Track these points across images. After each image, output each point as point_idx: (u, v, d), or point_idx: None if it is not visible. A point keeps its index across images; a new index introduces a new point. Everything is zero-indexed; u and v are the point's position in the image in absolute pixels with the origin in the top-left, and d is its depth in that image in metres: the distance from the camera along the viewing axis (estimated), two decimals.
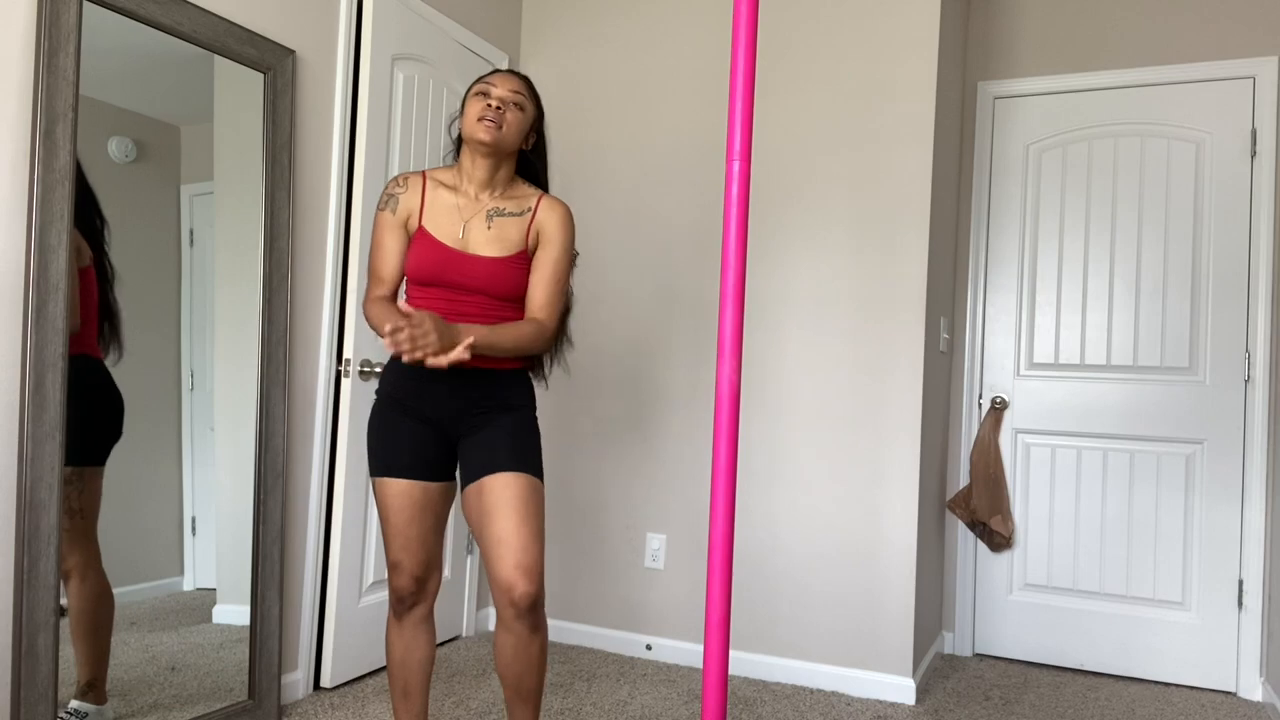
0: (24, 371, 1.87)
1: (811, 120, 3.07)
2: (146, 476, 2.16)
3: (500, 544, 1.80)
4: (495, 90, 1.91)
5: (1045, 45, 3.39)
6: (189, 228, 2.27)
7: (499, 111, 1.88)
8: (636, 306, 3.29)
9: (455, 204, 1.93)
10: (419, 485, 1.90)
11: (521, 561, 1.79)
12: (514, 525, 1.81)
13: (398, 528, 1.90)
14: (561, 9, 3.47)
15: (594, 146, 3.39)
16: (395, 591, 1.93)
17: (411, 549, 1.91)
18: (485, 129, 1.87)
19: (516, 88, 1.94)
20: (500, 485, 1.84)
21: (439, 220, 1.91)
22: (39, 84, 1.89)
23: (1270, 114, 3.09)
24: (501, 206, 1.94)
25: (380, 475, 1.91)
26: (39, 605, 1.89)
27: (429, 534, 1.93)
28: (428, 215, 1.92)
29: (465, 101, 1.95)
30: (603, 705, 2.70)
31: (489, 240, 1.90)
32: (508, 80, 1.94)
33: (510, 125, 1.90)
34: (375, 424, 1.93)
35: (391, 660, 1.97)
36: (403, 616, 1.95)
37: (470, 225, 1.91)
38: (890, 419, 2.92)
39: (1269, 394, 3.07)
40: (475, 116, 1.89)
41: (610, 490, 3.30)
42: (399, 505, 1.90)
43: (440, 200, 1.93)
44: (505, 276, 1.89)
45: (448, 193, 1.94)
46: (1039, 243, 3.38)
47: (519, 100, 1.93)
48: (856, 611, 2.93)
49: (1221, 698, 3.04)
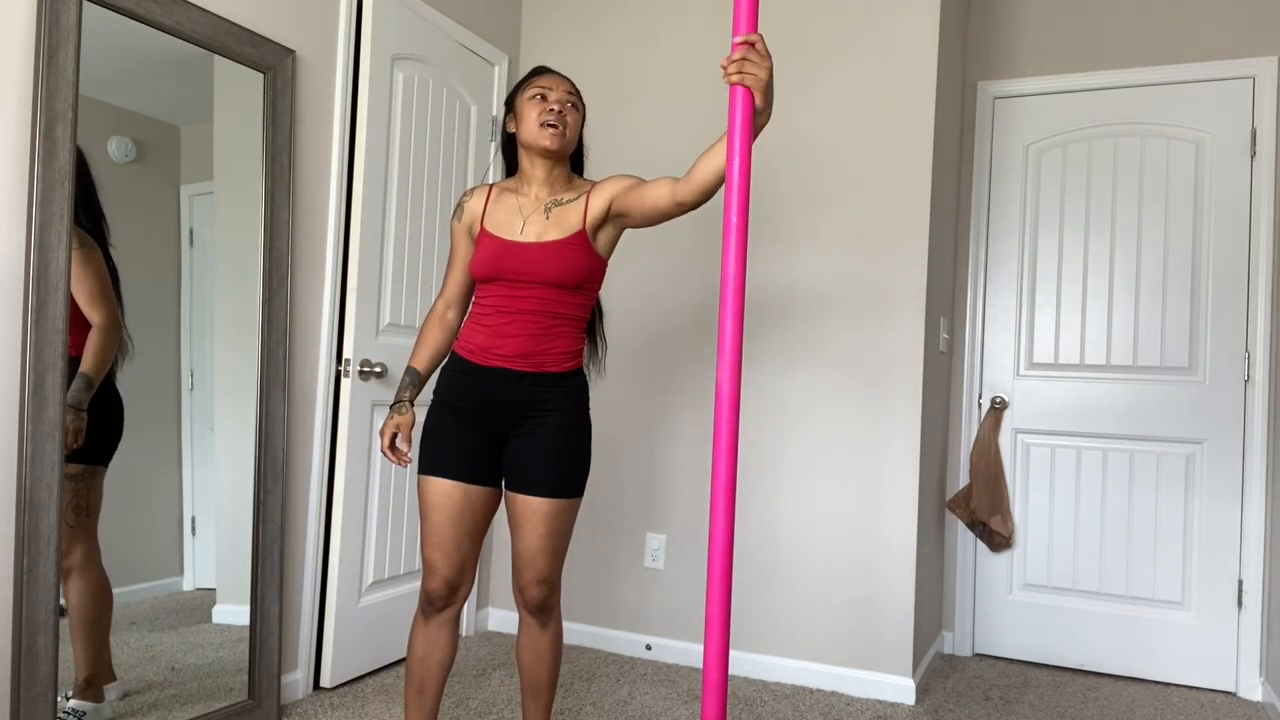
0: (24, 371, 1.87)
1: (811, 120, 3.07)
2: (146, 476, 2.16)
3: (522, 559, 1.94)
4: (553, 94, 1.94)
5: (1045, 45, 3.39)
6: (189, 228, 2.27)
7: (560, 115, 1.92)
8: (636, 307, 3.29)
9: (516, 204, 1.97)
10: (461, 487, 1.92)
11: (536, 577, 1.94)
12: (538, 548, 1.93)
13: (436, 526, 1.92)
14: (561, 9, 3.47)
15: (594, 146, 3.39)
16: (426, 593, 1.95)
17: (446, 550, 1.92)
18: (551, 136, 1.91)
19: (570, 89, 1.98)
20: (531, 509, 1.91)
21: (500, 220, 1.96)
22: (39, 84, 1.89)
23: (1270, 114, 3.09)
24: (560, 198, 1.97)
25: (425, 473, 1.93)
26: (39, 605, 1.89)
27: (465, 538, 1.94)
28: (490, 217, 1.97)
29: (516, 103, 1.97)
30: (603, 705, 2.70)
31: (546, 228, 1.93)
32: (560, 81, 1.97)
33: (571, 128, 1.95)
34: (428, 424, 1.97)
35: (412, 656, 1.98)
36: (430, 617, 1.96)
37: (530, 219, 1.94)
38: (890, 419, 2.92)
39: (1269, 394, 3.07)
40: (537, 121, 1.91)
41: (610, 490, 3.29)
42: (439, 504, 1.91)
43: (503, 203, 1.98)
44: (563, 258, 1.89)
45: (510, 195, 1.99)
46: (1039, 243, 3.38)
47: (574, 101, 1.98)
48: (856, 611, 2.93)
49: (1221, 697, 3.04)
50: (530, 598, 1.95)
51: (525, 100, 1.95)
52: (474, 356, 1.93)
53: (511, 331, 1.90)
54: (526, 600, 1.96)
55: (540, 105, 1.93)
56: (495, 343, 1.91)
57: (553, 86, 1.96)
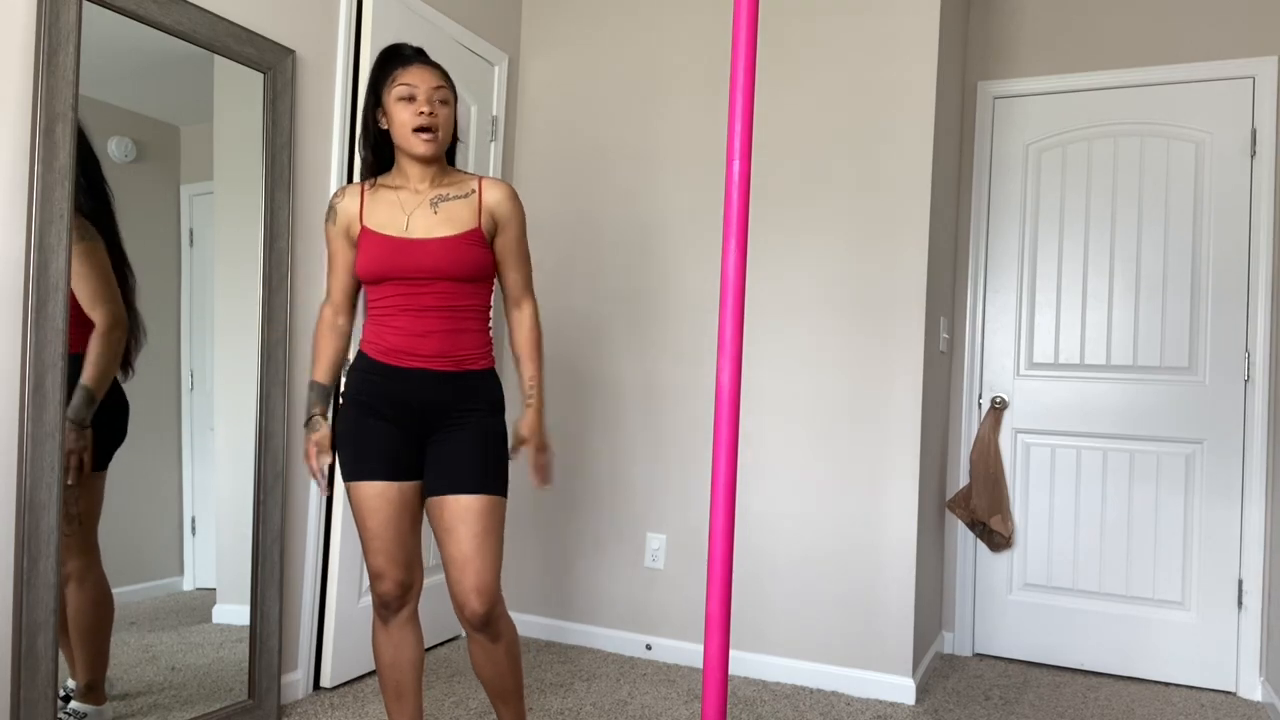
0: (24, 371, 1.87)
1: (811, 120, 3.07)
2: (146, 476, 2.16)
3: (457, 565, 1.83)
4: (420, 91, 1.83)
5: (1045, 45, 3.39)
6: (189, 228, 2.27)
7: (432, 116, 1.83)
8: (637, 306, 3.29)
9: (396, 199, 1.88)
10: (394, 486, 1.86)
11: (477, 584, 1.82)
12: (473, 549, 1.82)
13: (375, 532, 1.86)
14: (561, 9, 3.47)
15: (594, 146, 3.39)
16: (380, 598, 1.90)
17: (392, 553, 1.87)
18: (424, 143, 1.83)
19: (439, 82, 1.86)
20: (462, 507, 1.83)
21: (381, 217, 1.87)
22: (39, 84, 1.89)
23: (1270, 114, 3.09)
24: (444, 193, 1.89)
25: (354, 479, 1.86)
26: (39, 605, 1.89)
27: (407, 536, 1.90)
28: (369, 215, 1.88)
29: (384, 99, 1.86)
30: (603, 705, 2.70)
31: (437, 223, 1.85)
32: (426, 74, 1.85)
33: (444, 126, 1.86)
34: (344, 428, 1.90)
35: (381, 664, 1.94)
36: (389, 620, 1.92)
37: (415, 215, 1.86)
38: (890, 419, 2.92)
39: (1269, 394, 3.07)
40: (409, 125, 1.82)
41: (610, 490, 3.29)
42: (374, 507, 1.85)
43: (380, 199, 1.89)
44: (461, 253, 1.84)
45: (387, 191, 1.90)
46: (1039, 243, 3.38)
47: (444, 96, 1.87)
48: (856, 611, 2.93)
49: (1221, 697, 3.04)
50: (472, 612, 1.83)
51: (393, 99, 1.84)
52: (387, 358, 1.86)
53: (422, 330, 1.84)
54: (469, 616, 1.84)
55: (409, 107, 1.83)
56: (409, 343, 1.84)
57: (418, 83, 1.84)
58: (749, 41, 1.40)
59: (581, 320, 3.37)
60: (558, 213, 3.42)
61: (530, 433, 1.96)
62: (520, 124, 3.52)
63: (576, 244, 3.38)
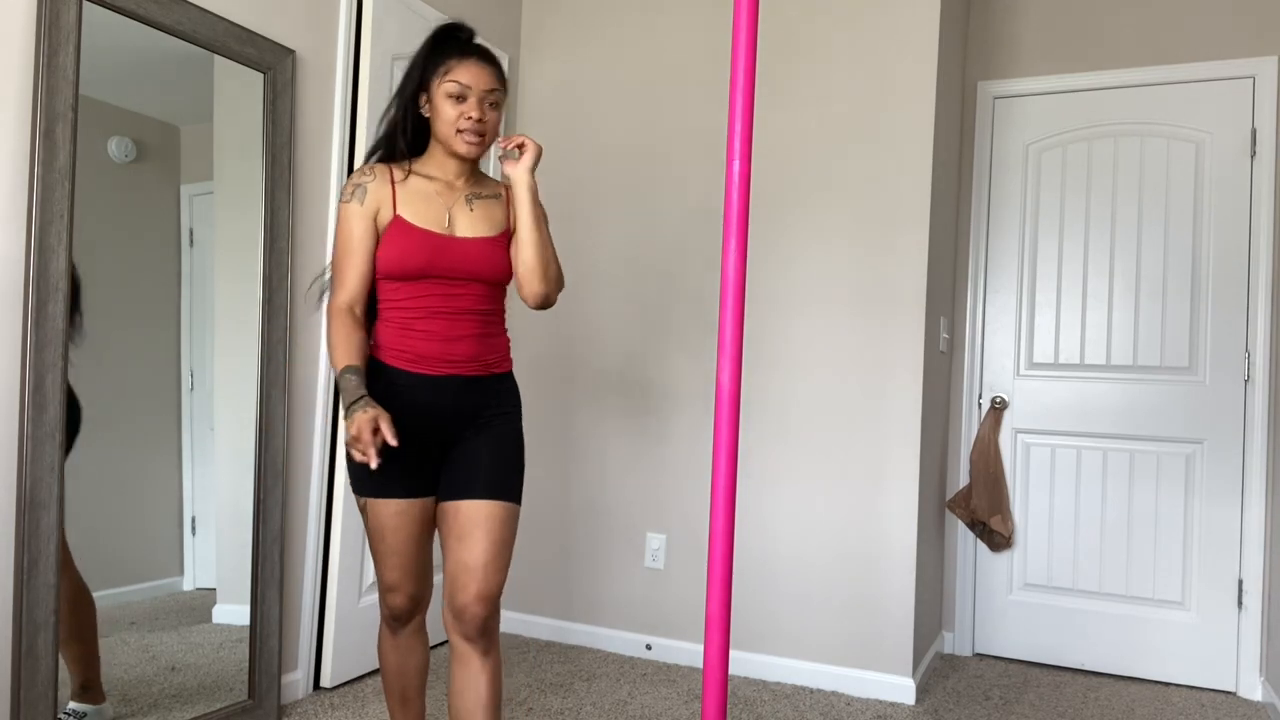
0: (24, 371, 1.87)
1: (811, 120, 3.07)
2: (146, 476, 2.16)
3: (467, 571, 1.74)
4: (473, 94, 1.73)
5: (1045, 45, 3.39)
6: (189, 228, 2.27)
7: (481, 122, 1.74)
8: (637, 306, 3.29)
9: (433, 192, 1.78)
10: (415, 503, 1.79)
11: (484, 592, 1.74)
12: (490, 556, 1.74)
13: (394, 547, 1.79)
14: (561, 9, 3.47)
15: (594, 146, 3.39)
16: (391, 610, 1.85)
17: (408, 568, 1.81)
18: (468, 145, 1.74)
19: (493, 84, 1.76)
20: (483, 514, 1.75)
21: (417, 207, 1.75)
22: (39, 84, 1.89)
23: (1270, 114, 3.09)
24: (478, 190, 1.83)
25: (373, 495, 1.77)
26: (39, 605, 1.89)
27: (423, 552, 1.85)
28: (403, 204, 1.74)
29: (431, 89, 1.75)
30: (603, 705, 2.70)
31: (476, 222, 1.79)
32: (482, 76, 1.75)
33: (492, 131, 1.78)
34: None
35: (387, 669, 1.92)
36: (398, 630, 1.90)
37: (455, 212, 1.78)
38: (890, 419, 2.92)
39: (1269, 394, 3.07)
40: (454, 125, 1.73)
41: (610, 490, 3.29)
42: (395, 524, 1.78)
43: (414, 188, 1.77)
44: (500, 256, 1.79)
45: (421, 181, 1.78)
46: (1039, 243, 3.38)
47: (496, 99, 1.77)
48: (856, 611, 2.93)
49: (1221, 697, 3.04)
50: (472, 616, 1.72)
51: (442, 94, 1.74)
52: (417, 366, 1.74)
53: (457, 334, 1.75)
54: (466, 621, 1.73)
55: (458, 106, 1.73)
56: (442, 349, 1.75)
57: (472, 83, 1.73)
58: (749, 41, 1.40)
59: (581, 320, 3.37)
60: (558, 212, 3.42)
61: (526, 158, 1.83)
62: (520, 124, 3.52)
63: (576, 244, 3.38)
